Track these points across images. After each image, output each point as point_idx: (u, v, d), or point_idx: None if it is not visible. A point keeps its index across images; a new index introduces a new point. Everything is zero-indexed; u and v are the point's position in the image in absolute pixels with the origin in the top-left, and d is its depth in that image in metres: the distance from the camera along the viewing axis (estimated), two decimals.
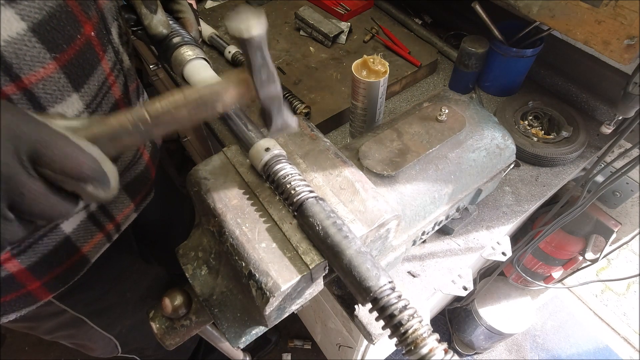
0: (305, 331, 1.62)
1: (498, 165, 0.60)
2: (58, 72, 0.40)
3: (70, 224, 0.52)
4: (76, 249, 0.55)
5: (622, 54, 0.59)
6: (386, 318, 0.35)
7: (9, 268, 0.49)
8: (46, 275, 0.53)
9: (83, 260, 0.56)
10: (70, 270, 0.56)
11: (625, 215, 1.01)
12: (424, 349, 0.32)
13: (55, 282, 0.55)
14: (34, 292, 0.53)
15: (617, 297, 1.73)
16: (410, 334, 0.33)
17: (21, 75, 0.37)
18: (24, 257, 0.49)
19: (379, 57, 0.72)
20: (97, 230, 0.57)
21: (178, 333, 0.51)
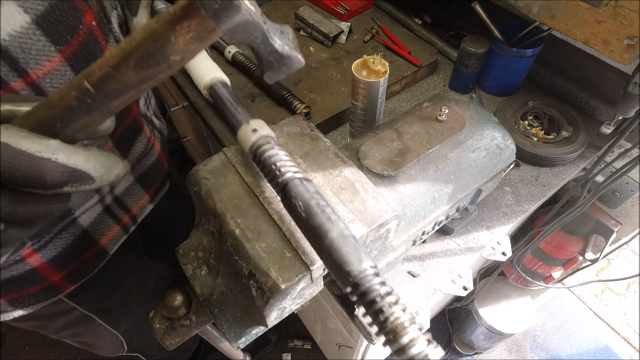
0: (305, 331, 1.62)
1: (498, 165, 0.60)
2: (64, 65, 0.40)
3: (87, 217, 0.54)
4: (94, 242, 0.56)
5: (622, 54, 0.59)
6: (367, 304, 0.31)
7: (31, 262, 0.50)
8: (67, 268, 0.54)
9: (101, 252, 0.58)
10: (90, 262, 0.57)
11: (625, 215, 1.01)
12: (405, 339, 0.29)
13: (76, 274, 0.56)
14: (55, 284, 0.55)
15: (617, 297, 1.73)
16: (391, 323, 0.30)
17: (28, 70, 0.36)
18: (45, 251, 0.51)
19: (379, 57, 0.72)
20: (113, 222, 0.58)
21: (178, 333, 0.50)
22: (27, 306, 0.55)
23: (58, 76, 0.39)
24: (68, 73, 0.40)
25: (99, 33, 0.44)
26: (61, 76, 0.40)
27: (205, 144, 1.41)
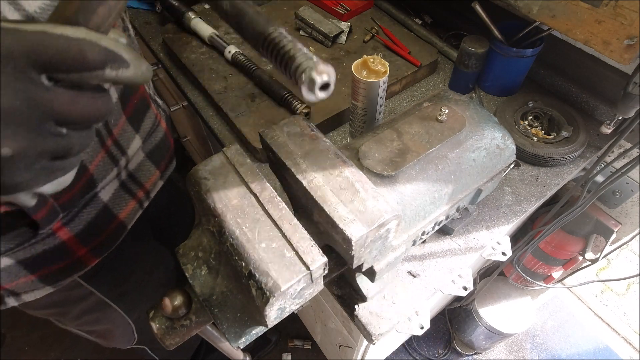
0: (305, 331, 1.62)
1: (498, 165, 0.60)
2: None
3: (107, 192, 0.58)
4: (114, 216, 0.60)
5: (622, 54, 0.59)
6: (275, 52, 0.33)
7: (61, 236, 0.55)
8: (92, 242, 0.59)
9: (121, 226, 0.63)
10: (112, 236, 0.62)
11: (625, 215, 1.01)
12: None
13: (100, 248, 0.61)
14: (82, 258, 0.59)
15: (617, 297, 1.73)
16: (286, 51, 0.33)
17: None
18: (72, 225, 0.55)
19: (379, 57, 0.72)
20: (129, 197, 0.62)
21: (178, 333, 0.51)
22: (56, 282, 0.59)
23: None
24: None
25: None
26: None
27: (205, 144, 1.41)
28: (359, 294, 0.64)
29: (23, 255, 0.53)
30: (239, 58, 0.95)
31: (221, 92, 0.92)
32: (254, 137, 0.83)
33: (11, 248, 0.51)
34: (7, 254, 0.51)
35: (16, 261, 0.53)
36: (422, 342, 1.64)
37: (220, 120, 0.93)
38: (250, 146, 0.84)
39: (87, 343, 1.66)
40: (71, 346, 1.66)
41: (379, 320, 0.63)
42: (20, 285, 0.56)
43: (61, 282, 0.60)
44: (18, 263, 0.53)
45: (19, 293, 0.58)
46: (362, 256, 0.47)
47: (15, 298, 0.58)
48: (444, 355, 1.62)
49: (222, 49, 0.98)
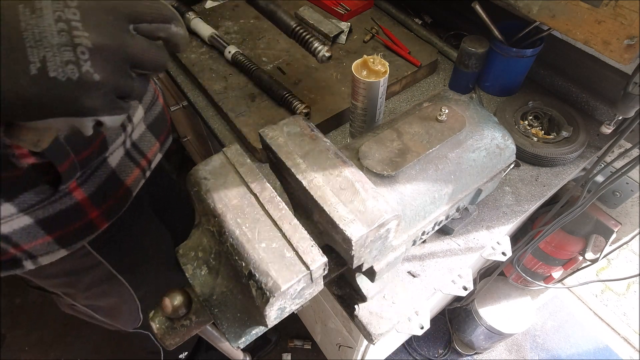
0: (305, 331, 1.62)
1: (498, 165, 0.60)
2: None
3: (114, 158, 0.64)
4: (121, 182, 0.65)
5: (622, 54, 0.59)
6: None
7: (76, 196, 0.59)
8: (102, 204, 0.63)
9: (127, 192, 0.67)
10: (120, 200, 0.66)
11: (625, 215, 1.01)
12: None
13: (109, 212, 0.65)
14: (94, 220, 0.64)
15: (617, 297, 1.73)
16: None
17: None
18: (86, 186, 0.60)
19: (379, 57, 0.72)
20: (134, 165, 0.68)
21: (178, 333, 0.51)
22: (70, 244, 0.63)
23: None
24: None
25: None
26: None
27: (205, 144, 1.41)
28: (359, 294, 0.64)
29: (42, 214, 0.56)
30: (239, 58, 0.95)
31: (221, 92, 0.92)
32: (254, 137, 0.83)
33: (32, 205, 0.54)
34: (28, 211, 0.55)
35: (35, 220, 0.56)
36: (422, 342, 1.64)
37: (220, 120, 0.93)
38: (250, 146, 0.84)
39: (87, 343, 1.66)
40: (71, 346, 1.67)
41: (379, 320, 0.63)
42: (37, 248, 0.59)
43: (74, 245, 0.63)
44: (37, 223, 0.56)
45: (36, 256, 0.60)
46: (362, 256, 0.47)
47: (32, 261, 0.61)
48: (444, 355, 1.62)
49: (222, 49, 0.98)
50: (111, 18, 0.32)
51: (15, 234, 0.56)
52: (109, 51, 0.32)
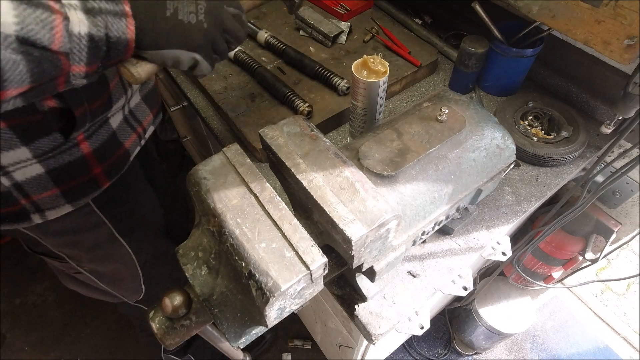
0: (305, 331, 1.62)
1: (498, 165, 0.60)
2: None
3: (115, 120, 0.69)
4: (120, 143, 0.71)
5: (622, 54, 0.59)
6: None
7: (83, 149, 0.64)
8: (105, 161, 0.69)
9: (126, 153, 0.73)
10: (120, 160, 0.72)
11: (625, 215, 1.01)
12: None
13: (110, 170, 0.71)
14: (97, 177, 0.69)
15: (617, 297, 1.73)
16: None
17: None
18: (91, 140, 0.65)
19: (379, 57, 0.72)
20: (131, 130, 0.74)
21: (178, 333, 0.51)
22: (75, 199, 0.68)
23: None
24: None
25: None
26: None
27: (205, 144, 1.41)
28: (359, 294, 0.64)
29: (53, 164, 0.62)
30: (241, 56, 0.95)
31: (221, 92, 0.92)
32: (254, 137, 0.83)
33: (45, 152, 0.60)
34: (41, 159, 0.60)
35: (46, 170, 0.61)
36: (422, 342, 1.64)
37: (220, 120, 0.93)
38: (250, 146, 0.84)
39: (87, 343, 1.66)
40: (71, 346, 1.67)
41: (379, 320, 0.63)
42: (45, 200, 0.65)
43: (79, 201, 0.68)
44: (47, 173, 0.62)
45: (43, 209, 0.66)
46: (362, 256, 0.47)
47: (40, 214, 0.66)
48: (444, 355, 1.62)
49: None
50: (219, 1, 0.51)
51: (28, 183, 0.61)
52: (215, 15, 0.50)
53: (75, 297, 1.76)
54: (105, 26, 0.41)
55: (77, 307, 1.75)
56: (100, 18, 0.40)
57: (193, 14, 0.47)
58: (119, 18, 0.42)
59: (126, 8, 0.42)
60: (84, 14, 0.39)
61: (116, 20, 0.41)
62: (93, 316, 1.73)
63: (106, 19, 0.41)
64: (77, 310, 1.75)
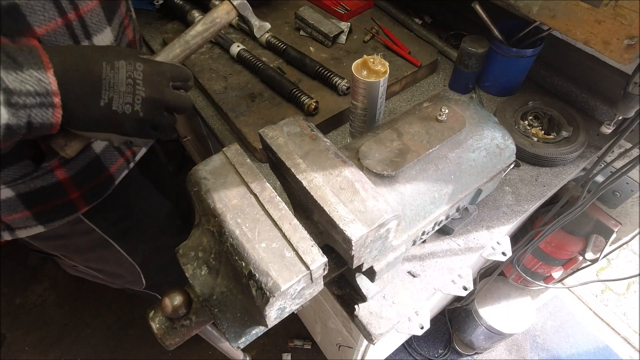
0: (305, 331, 1.62)
1: (498, 165, 0.60)
2: (98, 7, 0.55)
3: (99, 146, 0.67)
4: (104, 168, 0.69)
5: (622, 54, 0.59)
6: None
7: (58, 175, 0.62)
8: (83, 187, 0.66)
9: (110, 178, 0.71)
10: (102, 185, 0.70)
11: (625, 215, 1.01)
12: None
13: (90, 195, 0.69)
14: (75, 201, 0.67)
15: (617, 297, 1.73)
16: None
17: (79, 5, 0.52)
18: (68, 167, 0.63)
19: (379, 57, 0.72)
20: (118, 155, 0.71)
21: (178, 333, 0.50)
22: (48, 221, 0.66)
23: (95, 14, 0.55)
24: (101, 14, 0.56)
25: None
26: (97, 14, 0.55)
27: (205, 144, 1.41)
28: (359, 294, 0.64)
29: (24, 188, 0.60)
30: (244, 55, 0.95)
31: (221, 92, 0.92)
32: (254, 137, 0.83)
33: (15, 179, 0.58)
34: (11, 184, 0.58)
35: (16, 194, 0.60)
36: (422, 342, 1.64)
37: (220, 120, 0.93)
38: (250, 146, 0.84)
39: (87, 343, 1.66)
40: (71, 346, 1.66)
41: (379, 320, 0.63)
42: (15, 221, 0.64)
43: (52, 223, 0.67)
44: (18, 196, 0.60)
45: (14, 228, 0.65)
46: (362, 256, 0.47)
47: (10, 233, 0.66)
48: (444, 355, 1.62)
49: (228, 47, 0.98)
50: (160, 79, 0.50)
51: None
52: (154, 100, 0.49)
53: (75, 297, 1.77)
54: (28, 116, 0.41)
55: (77, 307, 1.75)
56: (23, 111, 0.41)
57: (129, 105, 0.47)
58: (46, 109, 0.42)
59: (55, 100, 0.42)
60: (5, 107, 0.39)
61: (42, 110, 0.42)
62: (93, 316, 1.73)
63: (30, 112, 0.41)
64: (77, 310, 1.75)
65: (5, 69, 0.39)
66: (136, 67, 0.47)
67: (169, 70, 0.51)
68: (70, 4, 0.50)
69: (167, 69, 0.51)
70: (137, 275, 0.96)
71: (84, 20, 0.53)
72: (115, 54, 0.47)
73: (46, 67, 0.42)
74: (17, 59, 0.40)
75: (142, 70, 0.48)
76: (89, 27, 0.54)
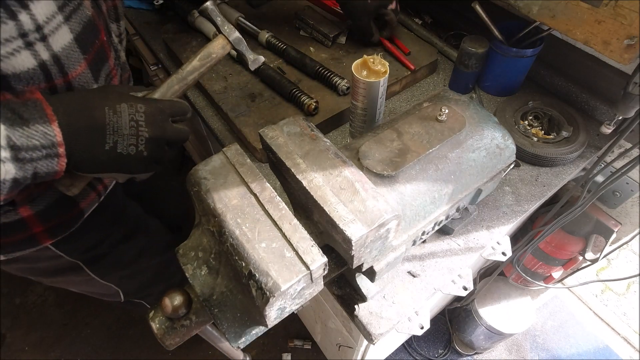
0: (305, 331, 1.62)
1: (498, 165, 0.60)
2: (86, 69, 0.54)
3: None
4: (74, 204, 0.67)
5: (622, 54, 0.59)
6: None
7: (21, 212, 0.60)
8: (49, 222, 0.64)
9: (80, 213, 0.69)
10: (70, 220, 0.68)
11: (625, 215, 1.01)
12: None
13: (56, 230, 0.67)
14: (37, 236, 0.65)
15: (617, 297, 1.73)
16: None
17: (68, 72, 0.51)
18: (34, 204, 0.61)
19: (379, 57, 0.72)
20: (90, 189, 0.69)
21: (178, 333, 0.51)
22: (10, 252, 0.65)
23: (83, 77, 0.54)
24: (89, 75, 0.55)
25: (106, 45, 0.59)
26: (85, 77, 0.54)
27: (205, 144, 1.41)
28: (359, 294, 0.64)
29: None
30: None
31: (221, 92, 0.92)
32: (254, 137, 0.83)
33: None
34: None
35: None
36: (422, 342, 1.64)
37: (220, 120, 0.93)
38: (250, 146, 0.84)
39: (87, 343, 1.66)
40: (71, 346, 1.66)
41: (379, 320, 0.63)
42: None
43: (13, 254, 0.65)
44: None
45: None
46: (362, 256, 0.47)
47: None
48: (444, 355, 1.62)
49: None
50: (161, 117, 0.51)
51: None
52: (156, 139, 0.51)
53: (75, 297, 1.77)
54: (34, 168, 0.42)
55: (77, 307, 1.75)
56: (30, 164, 0.42)
57: (133, 146, 0.48)
58: (51, 159, 0.43)
59: (60, 150, 0.44)
60: (13, 163, 0.40)
61: (47, 161, 0.43)
62: (93, 316, 1.73)
63: (36, 164, 0.42)
64: (77, 310, 1.75)
65: (12, 125, 0.40)
66: (137, 109, 0.49)
67: (168, 107, 0.53)
68: (59, 72, 0.50)
69: (167, 107, 0.53)
70: (115, 292, 0.93)
71: (70, 85, 0.52)
72: (116, 97, 0.49)
73: (51, 120, 0.43)
74: (23, 115, 0.41)
75: (143, 112, 0.49)
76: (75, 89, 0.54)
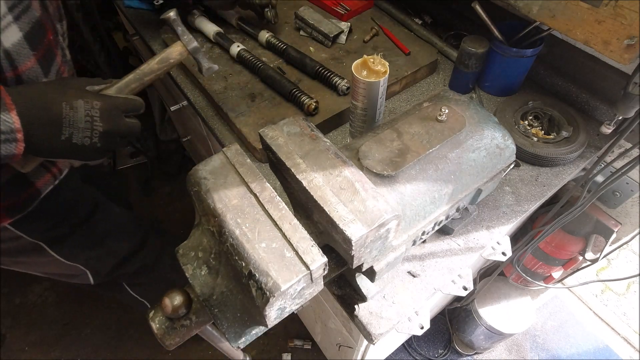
0: (305, 331, 1.62)
1: (498, 165, 0.60)
2: (35, 65, 0.59)
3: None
4: (30, 183, 0.70)
5: (622, 54, 0.59)
6: None
7: None
8: (6, 201, 0.68)
9: (35, 192, 0.72)
10: (26, 200, 0.71)
11: (625, 215, 1.01)
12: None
13: (13, 209, 0.70)
14: None
15: (617, 297, 1.73)
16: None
17: (18, 66, 0.56)
18: None
19: (379, 57, 0.72)
20: (45, 171, 0.72)
21: (178, 333, 0.51)
22: None
23: (32, 71, 0.59)
24: (38, 70, 0.60)
25: (54, 44, 0.64)
26: (34, 71, 0.59)
27: (205, 144, 1.41)
28: (359, 294, 0.64)
29: None
30: (244, 55, 0.95)
31: (221, 92, 0.92)
32: (254, 137, 0.83)
33: None
34: None
35: None
36: (422, 342, 1.64)
37: (220, 120, 0.93)
38: (250, 146, 0.84)
39: (87, 343, 1.66)
40: (71, 346, 1.66)
41: (379, 320, 0.63)
42: None
43: None
44: None
45: None
46: (362, 256, 0.47)
47: None
48: (444, 355, 1.62)
49: (228, 47, 0.98)
50: (115, 112, 0.56)
51: None
52: (109, 133, 0.56)
53: (75, 297, 1.77)
54: None
55: (77, 307, 1.75)
56: None
57: (87, 138, 0.54)
58: (10, 143, 0.48)
59: (18, 136, 0.48)
60: None
61: (6, 145, 0.48)
62: (93, 316, 1.73)
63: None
64: (77, 310, 1.75)
65: None
66: (93, 105, 0.54)
67: (123, 104, 0.58)
68: (10, 66, 0.55)
69: (122, 103, 0.57)
70: (83, 273, 0.93)
71: (20, 77, 0.57)
72: (73, 93, 0.53)
73: (9, 108, 0.47)
74: None
75: (99, 108, 0.54)
76: (24, 81, 0.58)
